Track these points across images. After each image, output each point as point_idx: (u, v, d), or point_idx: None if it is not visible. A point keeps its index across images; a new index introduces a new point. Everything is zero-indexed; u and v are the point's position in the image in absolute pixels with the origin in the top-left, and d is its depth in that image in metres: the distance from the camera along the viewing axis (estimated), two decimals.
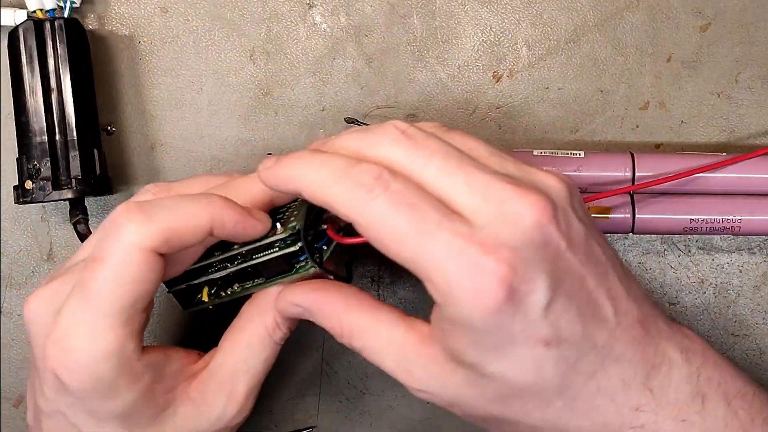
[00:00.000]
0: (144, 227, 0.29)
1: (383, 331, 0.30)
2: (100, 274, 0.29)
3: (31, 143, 0.38)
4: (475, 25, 0.41)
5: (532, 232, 0.26)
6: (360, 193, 0.26)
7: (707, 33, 0.40)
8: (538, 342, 0.26)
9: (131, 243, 0.28)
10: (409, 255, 0.26)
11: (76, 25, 0.39)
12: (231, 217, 0.30)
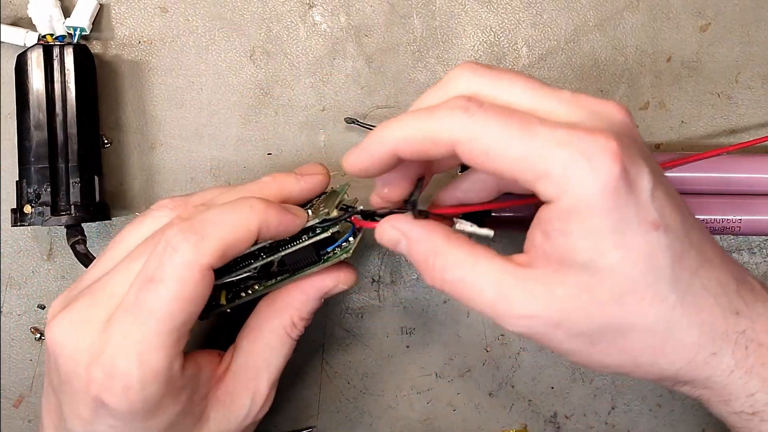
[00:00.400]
0: (200, 246, 0.29)
1: (480, 263, 0.28)
2: (158, 294, 0.29)
3: (32, 168, 0.38)
4: (475, 25, 0.41)
5: (625, 125, 0.27)
6: (458, 113, 0.27)
7: (707, 33, 0.40)
8: (650, 225, 0.26)
9: (189, 263, 0.29)
10: (519, 154, 0.26)
11: (85, 52, 0.39)
12: (274, 217, 0.31)
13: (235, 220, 0.30)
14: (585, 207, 0.26)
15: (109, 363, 0.29)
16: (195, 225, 0.30)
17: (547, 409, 0.42)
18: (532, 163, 0.26)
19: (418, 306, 0.42)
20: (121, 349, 0.29)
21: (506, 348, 0.42)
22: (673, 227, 0.27)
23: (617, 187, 0.25)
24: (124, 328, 0.29)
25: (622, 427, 0.42)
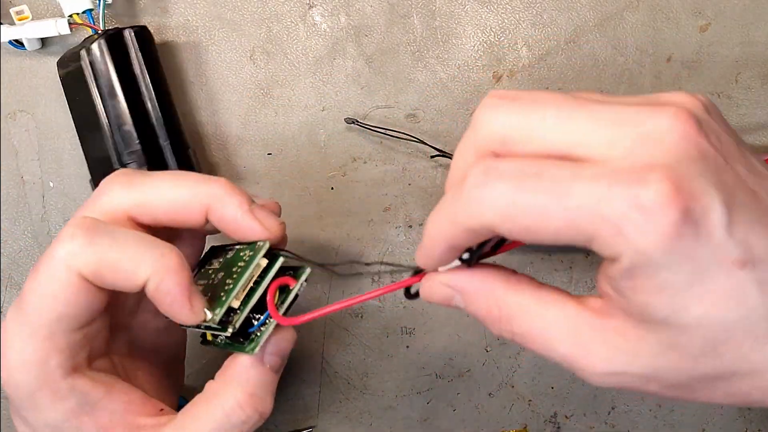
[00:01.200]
0: (80, 249, 0.28)
1: (550, 310, 0.25)
2: (33, 282, 0.29)
3: (128, 153, 0.38)
4: (475, 25, 0.41)
5: (683, 145, 0.22)
6: (481, 195, 0.23)
7: (707, 33, 0.40)
8: (733, 265, 0.22)
9: (61, 260, 0.28)
10: (561, 224, 0.22)
11: (145, 32, 0.39)
12: (171, 289, 0.28)
13: (130, 260, 0.28)
14: (649, 264, 0.22)
15: (3, 344, 0.30)
16: (90, 228, 0.28)
17: (547, 409, 0.42)
18: (578, 229, 0.22)
19: (418, 306, 0.42)
20: (6, 332, 0.30)
21: (506, 348, 0.42)
22: (765, 255, 0.22)
23: (680, 233, 0.21)
24: (10, 312, 0.30)
25: (622, 427, 0.42)
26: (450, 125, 0.41)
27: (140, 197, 0.30)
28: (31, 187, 0.43)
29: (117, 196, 0.31)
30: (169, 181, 0.31)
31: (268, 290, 0.29)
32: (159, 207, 0.30)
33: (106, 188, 0.31)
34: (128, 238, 0.29)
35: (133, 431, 0.31)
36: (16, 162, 0.43)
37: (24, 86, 0.42)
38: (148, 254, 0.28)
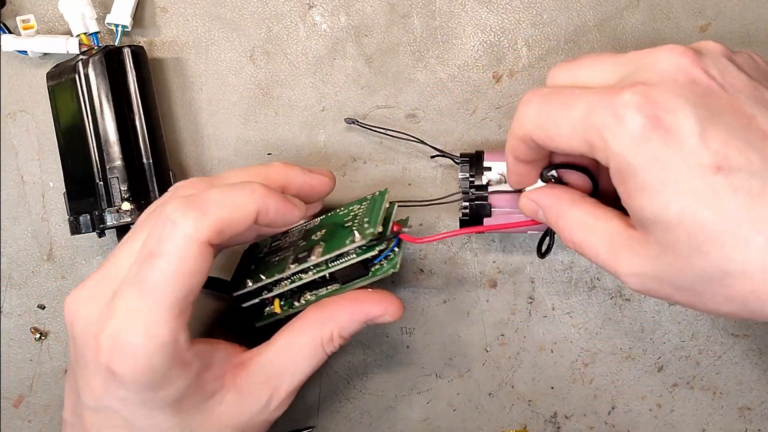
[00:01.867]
0: (199, 222, 0.30)
1: (599, 224, 0.30)
2: (158, 268, 0.30)
3: (120, 168, 0.38)
4: (475, 25, 0.41)
5: (671, 71, 0.27)
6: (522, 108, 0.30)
7: (707, 33, 0.40)
8: (706, 168, 0.25)
9: (188, 237, 0.30)
10: (568, 131, 0.28)
11: (141, 52, 0.40)
12: (273, 204, 0.32)
13: (235, 200, 0.31)
14: (627, 166, 0.26)
15: (115, 333, 0.30)
16: (195, 201, 0.30)
17: (547, 409, 0.42)
18: (580, 137, 0.27)
19: (418, 306, 0.42)
20: (126, 320, 0.30)
21: (506, 348, 0.42)
22: (744, 166, 0.25)
23: (647, 138, 0.26)
24: (128, 300, 0.30)
25: (622, 427, 0.42)
26: (450, 125, 0.41)
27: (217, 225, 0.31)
28: (31, 187, 0.43)
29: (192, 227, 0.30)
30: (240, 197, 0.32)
31: (393, 225, 0.35)
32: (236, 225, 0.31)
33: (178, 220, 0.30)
34: (222, 193, 0.31)
35: (240, 367, 0.34)
36: (16, 162, 0.43)
37: (24, 86, 0.42)
38: (244, 196, 0.31)
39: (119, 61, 0.39)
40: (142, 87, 0.40)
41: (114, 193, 0.38)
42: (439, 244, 0.41)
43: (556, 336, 0.41)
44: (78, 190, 0.39)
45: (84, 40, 0.40)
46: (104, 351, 0.30)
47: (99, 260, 0.42)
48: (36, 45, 0.40)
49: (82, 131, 0.38)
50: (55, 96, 0.39)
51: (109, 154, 0.38)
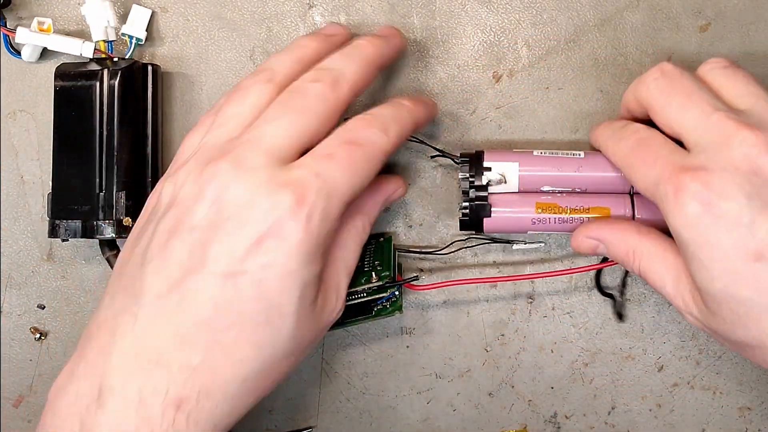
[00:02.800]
0: (386, 135, 0.33)
1: (668, 257, 0.33)
2: (362, 157, 0.32)
3: (126, 182, 0.39)
4: (475, 25, 0.41)
5: (738, 159, 0.29)
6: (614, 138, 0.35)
7: (707, 33, 0.40)
8: (749, 254, 0.28)
9: (380, 145, 0.33)
10: (643, 187, 0.32)
11: (157, 71, 0.40)
12: (422, 112, 0.37)
13: (403, 118, 0.35)
14: (679, 237, 0.30)
15: (300, 193, 0.30)
16: (376, 117, 0.34)
17: (547, 409, 0.42)
18: (651, 195, 0.32)
19: (418, 306, 0.42)
20: (320, 187, 0.30)
21: (506, 348, 0.42)
22: None
23: (698, 221, 0.29)
24: (325, 172, 0.31)
25: (622, 427, 0.42)
26: (450, 125, 0.41)
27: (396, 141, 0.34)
28: (31, 187, 0.43)
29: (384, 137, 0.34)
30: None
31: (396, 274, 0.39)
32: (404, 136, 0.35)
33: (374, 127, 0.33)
34: (396, 116, 0.35)
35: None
36: (16, 162, 0.43)
37: (24, 86, 0.42)
38: (408, 115, 0.36)
39: (142, 78, 0.40)
40: (154, 105, 0.40)
41: (117, 207, 0.38)
42: (439, 243, 0.41)
43: (556, 336, 0.41)
44: (70, 195, 0.39)
45: (101, 46, 0.40)
46: (280, 209, 0.30)
47: (99, 260, 0.42)
48: (51, 42, 0.40)
49: (89, 138, 0.38)
50: (63, 97, 0.39)
51: (118, 168, 0.38)
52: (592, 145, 0.38)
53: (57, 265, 0.43)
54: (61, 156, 0.39)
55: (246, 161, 0.31)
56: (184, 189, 0.31)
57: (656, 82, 0.33)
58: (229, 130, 0.33)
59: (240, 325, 0.30)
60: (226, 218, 0.30)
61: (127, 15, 0.41)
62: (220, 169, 0.31)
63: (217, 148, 0.32)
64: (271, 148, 0.31)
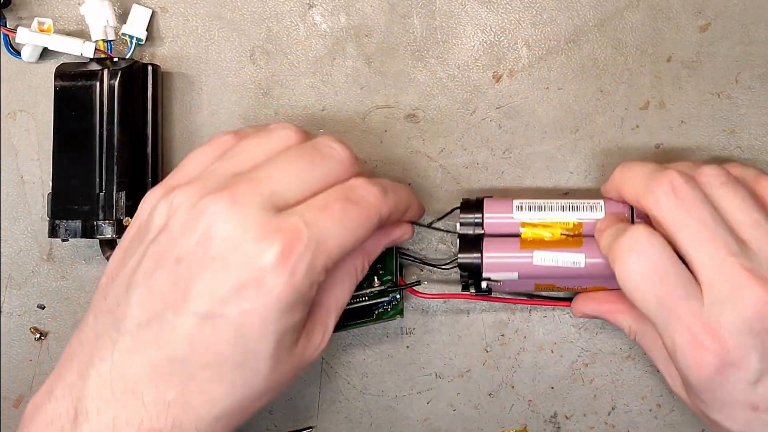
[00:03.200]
0: (384, 198, 0.33)
1: (660, 341, 0.34)
2: (356, 213, 0.32)
3: (127, 182, 0.39)
4: (475, 25, 0.41)
5: (753, 320, 0.30)
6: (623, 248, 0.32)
7: (707, 33, 0.40)
8: (746, 406, 0.31)
9: (376, 205, 0.33)
10: (651, 314, 0.32)
11: (157, 71, 0.41)
12: (416, 202, 0.37)
13: (402, 193, 0.35)
14: (686, 380, 0.33)
15: (288, 243, 0.30)
16: (378, 183, 0.34)
17: (547, 409, 0.42)
18: (659, 326, 0.32)
19: (418, 306, 0.42)
20: (310, 238, 0.30)
21: (506, 348, 0.42)
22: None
23: (711, 379, 0.31)
24: (317, 223, 0.31)
25: (622, 427, 0.42)
26: (450, 125, 0.41)
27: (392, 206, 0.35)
28: (31, 187, 0.43)
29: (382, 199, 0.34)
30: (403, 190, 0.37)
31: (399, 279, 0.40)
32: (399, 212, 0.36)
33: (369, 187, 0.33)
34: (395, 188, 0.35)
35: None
36: (16, 162, 0.43)
37: (24, 86, 0.42)
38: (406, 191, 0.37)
39: (142, 77, 0.39)
40: (154, 105, 0.40)
41: (117, 207, 0.38)
42: (439, 243, 0.41)
43: (556, 336, 0.41)
44: (70, 195, 0.39)
45: (100, 46, 0.40)
46: (266, 259, 0.29)
47: (99, 260, 0.42)
48: (51, 42, 0.40)
49: (89, 138, 0.38)
50: (64, 97, 0.39)
51: (118, 168, 0.38)
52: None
53: (57, 265, 0.43)
54: (61, 156, 0.39)
55: (243, 200, 0.30)
56: (177, 215, 0.31)
57: (668, 200, 0.32)
58: (240, 162, 0.33)
59: (216, 366, 0.30)
60: (211, 257, 0.30)
61: (126, 15, 0.41)
62: (216, 204, 0.30)
63: (221, 178, 0.32)
64: (272, 191, 0.31)
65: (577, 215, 0.36)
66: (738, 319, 0.30)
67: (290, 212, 0.31)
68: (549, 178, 0.41)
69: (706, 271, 0.31)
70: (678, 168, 0.34)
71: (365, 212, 0.32)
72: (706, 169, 0.33)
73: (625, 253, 0.32)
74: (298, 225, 0.30)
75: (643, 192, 0.33)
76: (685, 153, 0.41)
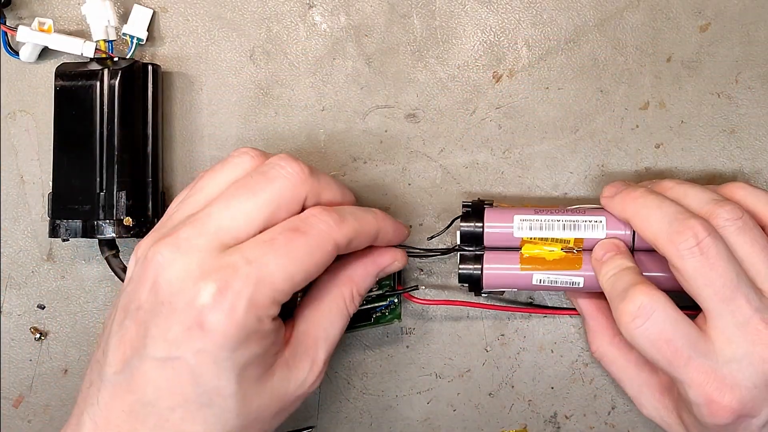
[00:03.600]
0: (339, 226, 0.33)
1: (630, 369, 0.38)
2: (303, 243, 0.32)
3: (129, 182, 0.39)
4: (475, 25, 0.41)
5: (762, 373, 0.32)
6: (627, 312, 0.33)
7: (707, 33, 0.40)
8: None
9: (330, 234, 0.32)
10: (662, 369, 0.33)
11: (158, 70, 0.41)
12: (391, 225, 0.36)
13: (365, 217, 0.35)
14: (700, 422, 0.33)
15: (224, 282, 0.30)
16: (333, 209, 0.33)
17: (547, 409, 0.42)
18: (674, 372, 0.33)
19: (418, 306, 0.42)
20: (248, 275, 0.30)
21: (506, 348, 0.42)
22: None
23: (725, 427, 0.32)
24: (260, 258, 0.31)
25: (622, 427, 0.42)
26: (450, 125, 0.41)
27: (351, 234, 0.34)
28: (31, 187, 0.43)
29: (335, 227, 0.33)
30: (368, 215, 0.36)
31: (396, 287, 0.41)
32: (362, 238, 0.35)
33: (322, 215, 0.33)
34: (356, 211, 0.35)
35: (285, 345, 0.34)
36: (16, 162, 0.43)
37: (24, 86, 0.42)
38: (371, 216, 0.35)
39: (142, 77, 0.39)
40: (154, 105, 0.40)
41: (118, 207, 0.38)
42: (438, 243, 0.41)
43: (556, 336, 0.41)
44: (70, 195, 0.39)
45: (101, 46, 0.40)
46: (202, 300, 0.30)
47: (99, 260, 0.42)
48: (52, 42, 0.40)
49: (89, 138, 0.38)
50: (64, 97, 0.39)
51: (118, 167, 0.38)
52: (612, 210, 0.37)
53: (57, 265, 0.43)
54: (61, 156, 0.39)
55: (187, 243, 0.31)
56: (136, 267, 0.33)
57: (692, 256, 0.32)
58: (194, 202, 0.34)
59: (184, 406, 0.31)
60: (160, 302, 0.31)
61: (127, 15, 0.41)
62: (161, 251, 0.31)
63: (173, 222, 0.33)
64: (217, 230, 0.31)
65: (577, 234, 0.36)
66: (755, 375, 0.32)
67: (232, 250, 0.31)
68: (549, 178, 0.41)
69: (727, 326, 0.32)
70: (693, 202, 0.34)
71: (314, 241, 0.32)
72: (723, 212, 0.33)
73: (628, 320, 0.33)
74: (236, 262, 0.30)
75: (665, 241, 0.33)
76: (685, 153, 0.41)
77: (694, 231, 0.32)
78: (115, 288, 0.42)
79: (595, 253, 0.36)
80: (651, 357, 0.33)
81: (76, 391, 0.42)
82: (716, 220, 0.33)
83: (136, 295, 0.32)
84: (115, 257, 0.39)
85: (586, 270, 0.36)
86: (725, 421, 0.32)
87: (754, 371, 0.32)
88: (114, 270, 0.39)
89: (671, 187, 0.36)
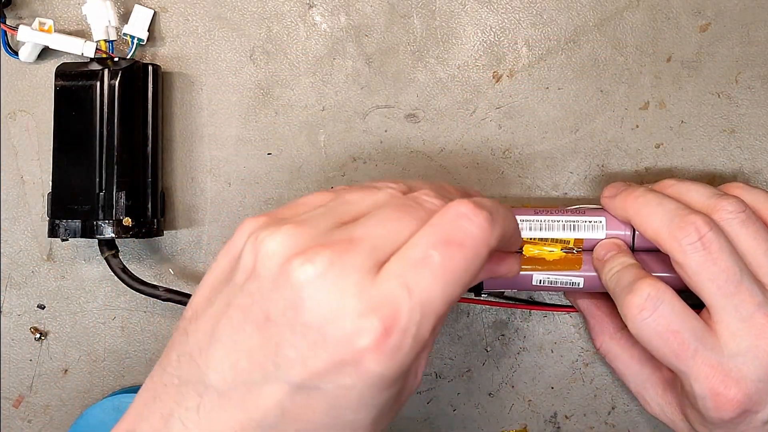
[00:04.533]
0: (492, 227, 0.28)
1: (634, 365, 0.38)
2: (461, 258, 0.27)
3: (127, 182, 0.39)
4: (475, 25, 0.41)
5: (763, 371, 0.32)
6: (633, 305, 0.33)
7: (707, 33, 0.40)
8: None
9: (484, 238, 0.28)
10: (668, 364, 0.33)
11: (157, 71, 0.41)
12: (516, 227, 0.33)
13: (509, 216, 0.31)
14: (705, 418, 0.34)
15: (389, 320, 0.26)
16: (484, 207, 0.29)
17: (547, 409, 0.42)
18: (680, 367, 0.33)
19: None
20: (412, 309, 0.26)
21: (506, 348, 0.42)
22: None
23: (732, 420, 0.33)
24: (418, 285, 0.26)
25: (622, 427, 0.42)
26: (450, 125, 0.41)
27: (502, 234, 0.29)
28: (31, 187, 0.43)
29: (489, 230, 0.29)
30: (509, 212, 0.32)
31: None
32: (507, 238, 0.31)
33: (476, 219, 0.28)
34: (500, 210, 0.30)
35: None
36: (16, 162, 0.43)
37: (24, 86, 0.42)
38: (511, 215, 0.32)
39: (142, 78, 0.39)
40: (154, 105, 0.40)
41: (117, 207, 0.38)
42: None
43: (556, 336, 0.41)
44: (70, 195, 0.39)
45: (101, 46, 0.40)
46: (364, 336, 0.26)
47: (99, 260, 0.42)
48: (53, 41, 0.40)
49: (89, 138, 0.38)
50: (64, 97, 0.39)
51: (118, 168, 0.38)
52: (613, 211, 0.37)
53: (57, 265, 0.43)
54: (61, 156, 0.39)
55: (341, 262, 0.27)
56: (268, 263, 0.28)
57: (695, 251, 0.32)
58: (341, 213, 0.30)
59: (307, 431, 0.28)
60: (304, 323, 0.26)
61: (128, 15, 0.41)
62: (312, 259, 0.27)
63: (322, 227, 0.29)
64: (372, 249, 0.27)
65: (577, 234, 0.37)
66: (760, 368, 0.32)
67: (385, 273, 0.27)
68: (549, 178, 0.41)
69: (731, 321, 0.32)
70: (695, 197, 0.34)
71: (471, 253, 0.28)
72: (726, 205, 0.33)
73: (635, 312, 0.32)
74: (396, 292, 0.26)
75: (666, 237, 0.33)
76: (685, 153, 0.41)
77: (696, 226, 0.32)
78: (115, 288, 0.42)
79: (597, 253, 0.36)
80: (657, 350, 0.33)
81: (76, 391, 0.42)
82: (719, 213, 0.33)
83: (265, 302, 0.27)
84: (114, 257, 0.39)
85: (586, 270, 0.36)
86: (731, 414, 0.32)
87: (759, 365, 0.32)
88: (114, 270, 0.39)
89: (671, 185, 0.36)
